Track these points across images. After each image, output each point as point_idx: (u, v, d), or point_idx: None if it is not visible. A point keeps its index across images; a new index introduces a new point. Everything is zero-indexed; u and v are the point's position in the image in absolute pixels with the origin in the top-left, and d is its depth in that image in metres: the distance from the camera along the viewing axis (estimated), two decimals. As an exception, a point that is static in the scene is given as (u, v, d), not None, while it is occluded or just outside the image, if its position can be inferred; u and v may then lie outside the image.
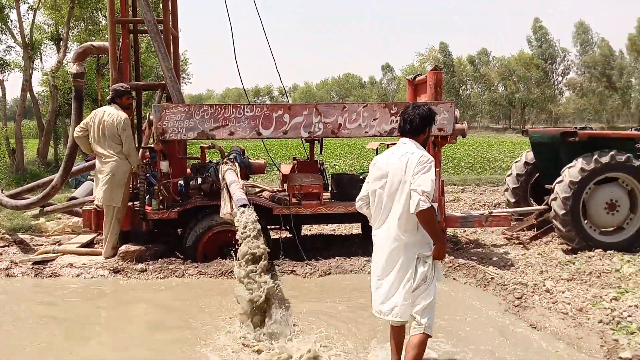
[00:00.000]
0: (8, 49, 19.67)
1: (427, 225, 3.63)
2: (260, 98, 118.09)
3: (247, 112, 6.87)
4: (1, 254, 7.85)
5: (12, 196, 8.81)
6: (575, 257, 7.40)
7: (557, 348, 4.41)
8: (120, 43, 7.62)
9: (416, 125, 3.84)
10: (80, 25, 22.37)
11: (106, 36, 7.56)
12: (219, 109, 6.84)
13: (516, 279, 6.15)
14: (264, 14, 8.99)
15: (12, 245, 8.16)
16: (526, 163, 9.41)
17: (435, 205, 3.69)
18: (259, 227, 5.28)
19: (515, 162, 9.65)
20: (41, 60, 22.64)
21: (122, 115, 6.88)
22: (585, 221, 7.78)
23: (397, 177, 3.72)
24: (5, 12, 18.45)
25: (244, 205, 5.57)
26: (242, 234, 5.19)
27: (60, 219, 10.12)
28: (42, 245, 8.14)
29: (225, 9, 8.47)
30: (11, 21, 18.85)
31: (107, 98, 7.14)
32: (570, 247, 7.78)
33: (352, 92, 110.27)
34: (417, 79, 8.60)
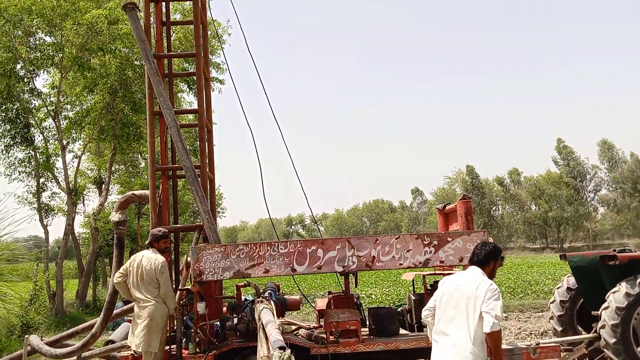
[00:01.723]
0: (53, 195, 20.78)
1: (494, 345, 4.25)
2: (292, 227, 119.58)
3: (281, 249, 6.99)
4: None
5: (51, 343, 8.83)
6: (634, 389, 6.91)
7: None
8: (160, 189, 8.02)
9: (482, 258, 4.68)
10: (121, 169, 23.72)
11: (145, 177, 7.97)
12: (254, 248, 6.99)
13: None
14: (290, 141, 9.49)
15: (49, 395, 8.04)
16: (569, 289, 9.13)
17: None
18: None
19: (558, 288, 9.37)
20: (83, 204, 23.74)
21: (160, 258, 7.06)
22: (639, 348, 7.36)
23: (466, 294, 4.44)
24: (52, 161, 19.76)
25: (281, 348, 5.48)
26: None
27: (97, 363, 10.01)
28: (78, 393, 8.01)
29: (253, 144, 9.01)
30: (57, 169, 20.10)
31: (146, 242, 7.39)
32: (626, 377, 7.30)
33: (383, 217, 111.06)
34: (446, 207, 8.73)
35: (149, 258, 7.05)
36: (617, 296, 7.42)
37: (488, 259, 4.71)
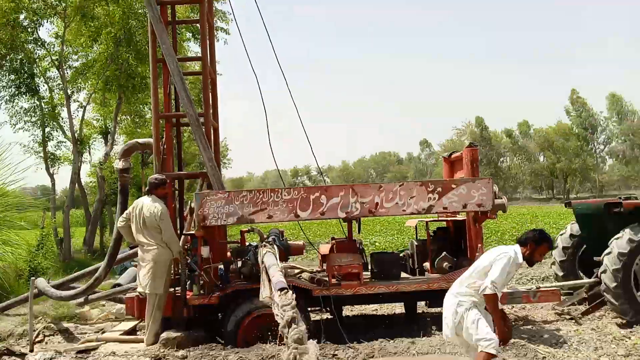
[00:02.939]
0: (59, 144, 20.82)
1: (490, 306, 4.66)
2: (298, 178, 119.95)
3: (284, 195, 7.01)
4: (46, 343, 7.97)
5: (57, 286, 9.03)
6: (631, 332, 7.01)
7: None
8: (164, 136, 7.98)
9: (522, 238, 5.01)
10: (127, 119, 23.64)
11: (151, 127, 7.92)
12: (258, 194, 7.01)
13: (569, 357, 5.86)
14: (298, 93, 9.36)
15: (56, 334, 8.28)
16: (572, 235, 9.16)
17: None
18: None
19: (561, 235, 9.40)
20: (89, 153, 23.81)
21: (159, 206, 7.11)
22: (639, 293, 7.43)
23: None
24: (57, 111, 19.72)
25: (282, 289, 5.56)
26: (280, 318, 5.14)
27: (104, 306, 10.25)
28: (86, 333, 8.24)
29: (259, 91, 8.91)
30: (62, 118, 20.07)
31: (145, 190, 7.43)
32: (624, 321, 7.40)
33: (389, 168, 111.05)
34: (452, 156, 8.68)
35: (148, 206, 7.11)
36: (620, 242, 7.44)
37: (526, 241, 4.94)
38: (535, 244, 4.93)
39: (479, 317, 4.77)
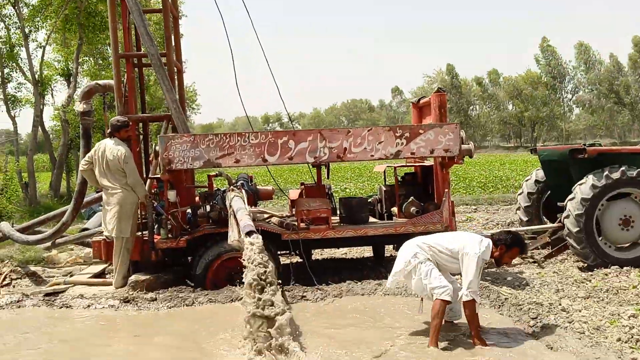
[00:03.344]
0: (19, 86, 20.05)
1: (467, 313, 4.88)
2: (270, 125, 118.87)
3: (252, 139, 6.89)
4: (14, 286, 7.88)
5: (23, 229, 8.85)
6: (592, 275, 7.25)
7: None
8: (125, 77, 7.69)
9: (496, 239, 5.02)
10: (89, 61, 22.79)
11: (115, 69, 7.59)
12: (224, 138, 6.87)
13: (531, 298, 6.04)
14: (268, 37, 9.08)
15: (24, 278, 8.17)
16: (537, 181, 9.32)
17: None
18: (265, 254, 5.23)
19: (526, 181, 9.57)
20: (52, 96, 23.05)
21: (122, 149, 6.92)
22: (600, 238, 7.66)
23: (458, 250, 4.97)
24: (16, 50, 18.87)
25: (250, 232, 5.54)
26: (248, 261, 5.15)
27: (72, 250, 10.15)
28: (54, 277, 8.15)
29: (226, 36, 8.61)
30: (21, 59, 19.27)
31: (107, 132, 7.21)
32: (586, 265, 7.66)
33: (360, 116, 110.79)
34: (421, 101, 8.62)
35: (111, 149, 6.92)
36: (584, 187, 7.58)
37: (498, 243, 5.00)
38: (506, 248, 4.99)
39: (431, 268, 4.94)
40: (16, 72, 19.42)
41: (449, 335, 5.05)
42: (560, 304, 5.81)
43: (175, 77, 8.04)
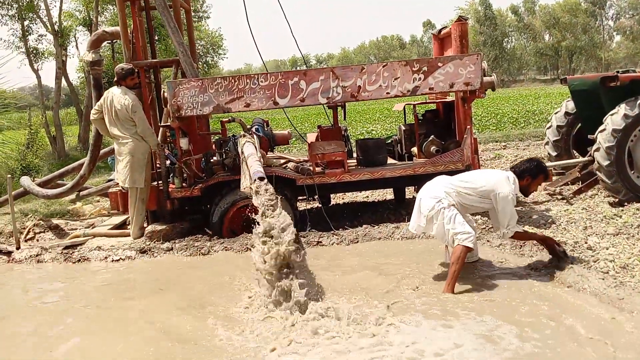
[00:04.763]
0: (39, 38, 19.96)
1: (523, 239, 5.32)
2: (297, 68, 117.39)
3: (261, 81, 6.64)
4: (37, 240, 7.99)
5: (44, 183, 8.91)
6: (622, 210, 6.87)
7: (595, 311, 4.05)
8: (132, 22, 7.45)
9: (518, 169, 4.96)
10: (109, 9, 22.52)
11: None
12: (233, 81, 6.64)
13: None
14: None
15: (47, 232, 8.28)
16: (567, 113, 8.83)
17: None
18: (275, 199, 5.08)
19: (556, 113, 9.07)
20: (77, 47, 22.96)
21: (129, 98, 6.77)
22: (632, 171, 7.23)
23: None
24: (35, 2, 18.70)
25: (260, 178, 5.38)
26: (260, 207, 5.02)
27: (98, 202, 10.24)
28: (76, 229, 8.23)
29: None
30: (41, 10, 19.08)
31: (114, 80, 7.04)
32: (617, 200, 7.27)
33: (391, 54, 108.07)
34: (442, 32, 8.14)
35: (118, 98, 6.77)
36: (615, 118, 7.11)
37: (523, 174, 4.93)
38: (532, 177, 4.96)
39: (455, 213, 4.76)
40: (36, 24, 19.33)
41: (465, 279, 4.86)
42: (586, 242, 5.53)
43: (184, 18, 7.75)
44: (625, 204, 7.09)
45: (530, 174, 4.94)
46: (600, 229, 6.17)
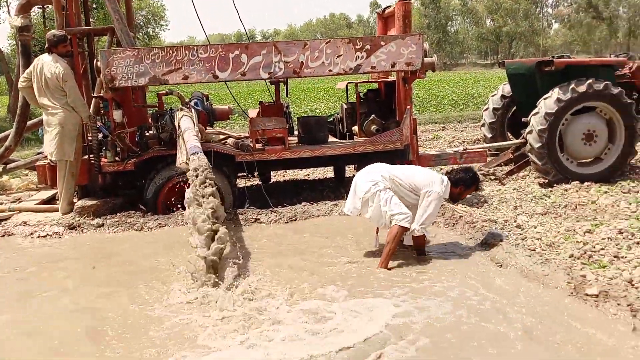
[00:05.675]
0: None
1: (416, 244, 4.99)
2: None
3: (201, 53, 6.44)
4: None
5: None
6: (551, 191, 7.16)
7: (520, 286, 4.20)
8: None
9: (453, 178, 5.01)
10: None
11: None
12: (171, 52, 6.41)
13: (486, 215, 5.93)
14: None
15: (-30, 206, 7.81)
16: (503, 96, 9.06)
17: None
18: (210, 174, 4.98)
19: (492, 96, 9.29)
20: (8, 13, 21.66)
21: (61, 66, 6.41)
22: (562, 153, 7.52)
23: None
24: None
25: (196, 153, 5.25)
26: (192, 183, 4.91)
27: (27, 175, 9.77)
28: (1, 203, 7.82)
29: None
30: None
31: (45, 48, 6.66)
32: (546, 181, 7.55)
33: (337, 33, 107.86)
34: (386, 11, 8.13)
35: (49, 65, 6.41)
36: (548, 102, 7.35)
37: (458, 182, 5.01)
38: (465, 187, 5.06)
39: (391, 195, 4.81)
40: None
41: (398, 256, 4.93)
42: (515, 221, 5.72)
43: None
44: (555, 185, 7.38)
45: (464, 183, 5.03)
46: (530, 209, 6.40)
